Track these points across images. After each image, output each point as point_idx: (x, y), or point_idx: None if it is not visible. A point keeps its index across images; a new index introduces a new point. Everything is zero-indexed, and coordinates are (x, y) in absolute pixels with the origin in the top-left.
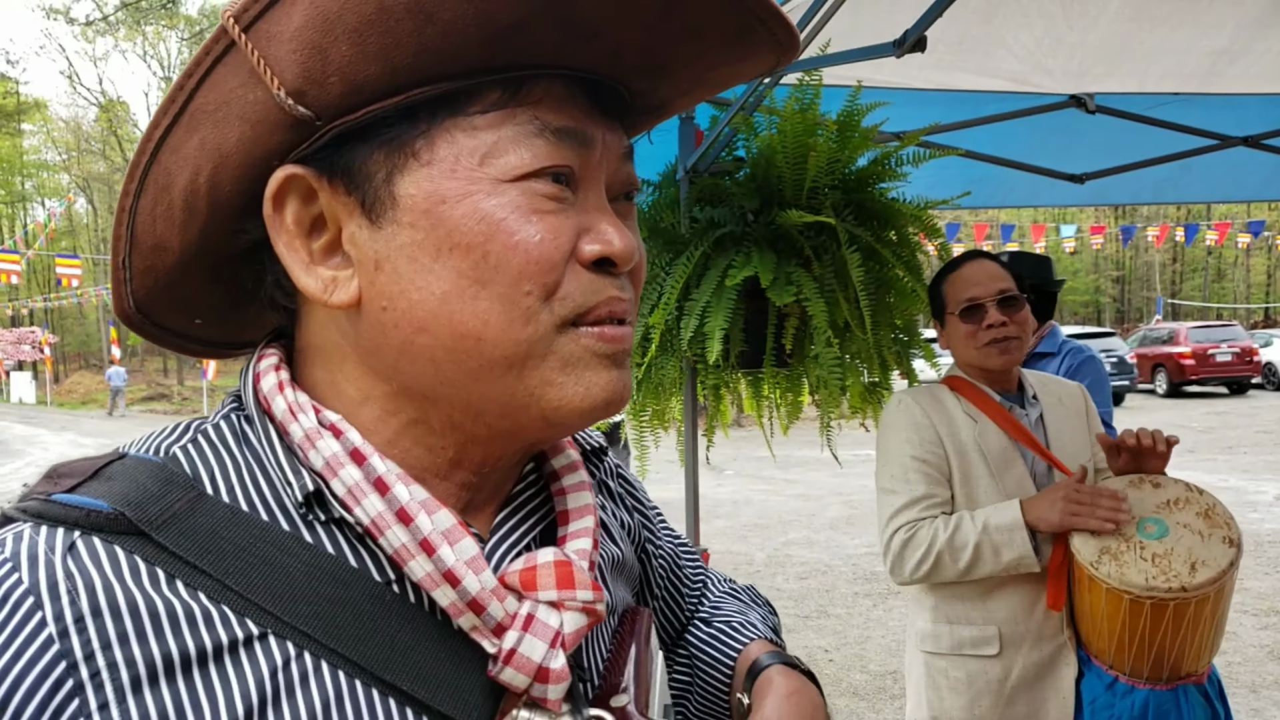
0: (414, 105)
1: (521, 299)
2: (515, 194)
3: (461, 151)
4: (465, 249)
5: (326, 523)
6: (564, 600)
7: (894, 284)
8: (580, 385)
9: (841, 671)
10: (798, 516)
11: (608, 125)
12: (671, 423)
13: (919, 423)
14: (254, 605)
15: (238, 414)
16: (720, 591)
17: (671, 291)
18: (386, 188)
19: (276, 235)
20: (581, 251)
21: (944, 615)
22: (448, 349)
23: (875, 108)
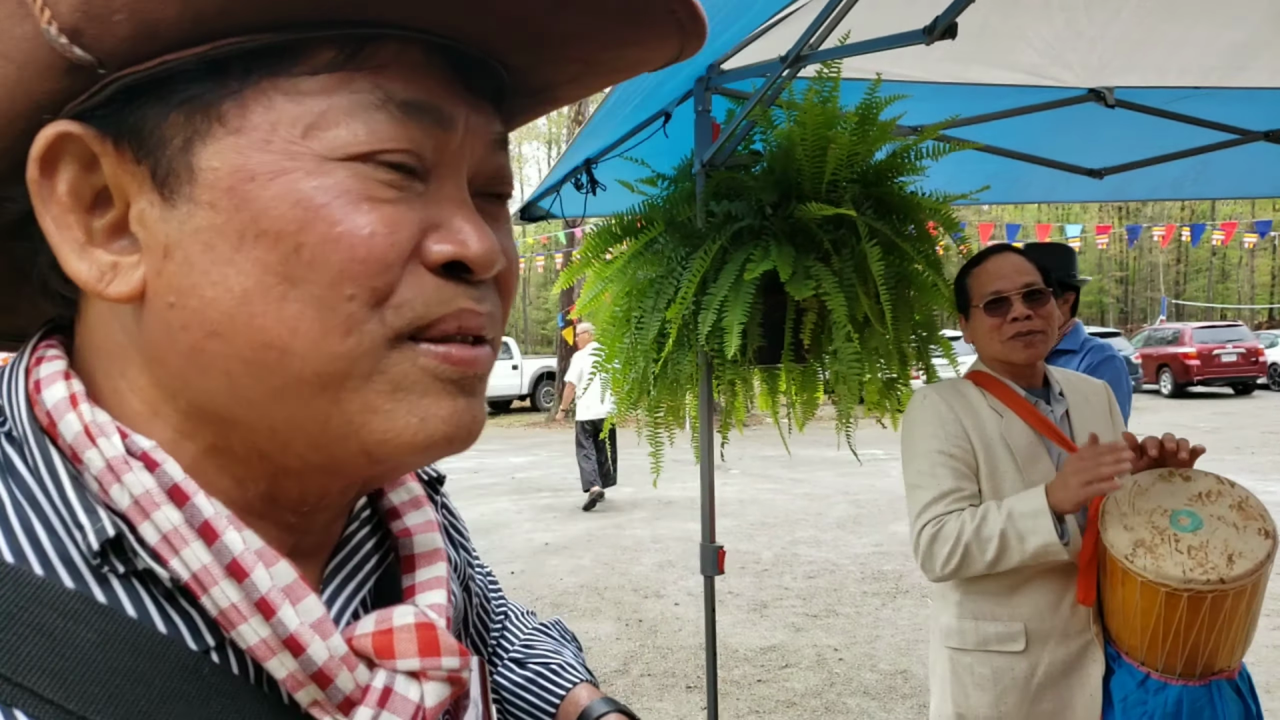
0: (224, 59)
1: (342, 304)
2: (344, 176)
3: (281, 119)
4: (274, 238)
5: (125, 576)
6: (427, 669)
7: (914, 279)
8: (414, 415)
9: (852, 671)
10: (805, 515)
11: (474, 105)
12: (687, 419)
13: (944, 417)
14: (25, 690)
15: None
16: (529, 628)
17: (689, 286)
18: (184, 157)
19: (44, 207)
20: (428, 252)
21: (969, 611)
22: (245, 360)
23: (894, 100)
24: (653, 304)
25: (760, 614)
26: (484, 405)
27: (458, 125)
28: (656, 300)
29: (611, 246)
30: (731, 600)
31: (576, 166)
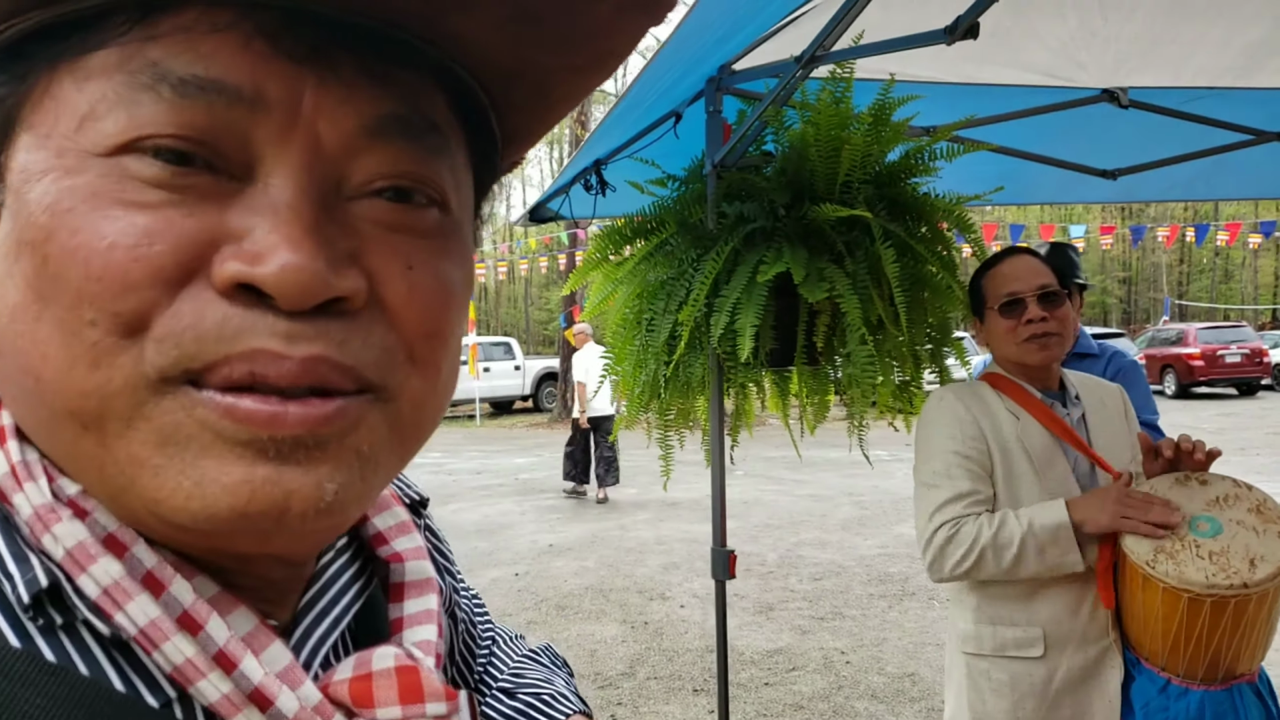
0: (16, 43)
1: (84, 329)
2: (99, 174)
3: (63, 111)
4: (30, 248)
5: (67, 626)
6: (409, 717)
7: (928, 280)
8: (185, 477)
9: (859, 674)
10: (809, 517)
11: (320, 77)
12: (697, 422)
13: (961, 418)
14: None
15: None
16: (518, 655)
17: (701, 288)
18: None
19: None
20: (217, 269)
21: (986, 616)
22: (16, 384)
23: (907, 101)
24: (664, 306)
25: (766, 616)
26: (335, 476)
27: (272, 105)
28: (668, 302)
29: (621, 248)
30: (737, 603)
31: (586, 168)
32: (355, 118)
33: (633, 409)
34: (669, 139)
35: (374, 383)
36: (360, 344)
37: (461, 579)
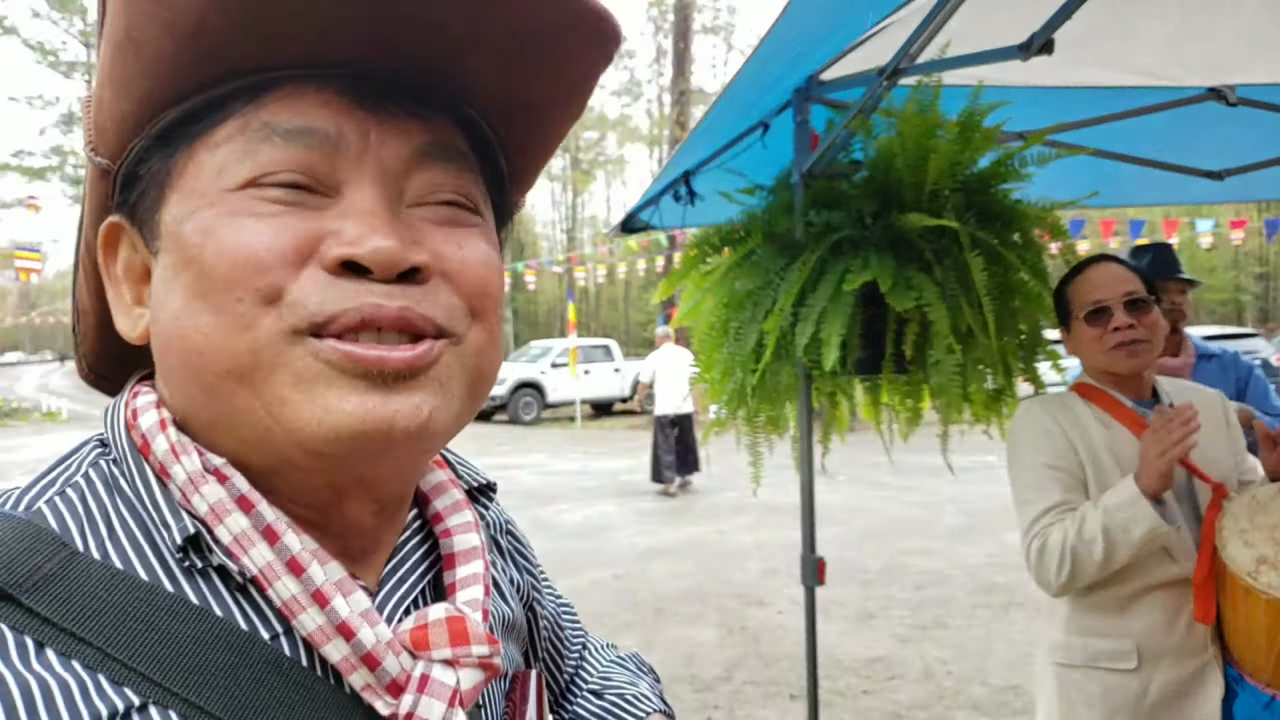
0: (166, 133)
1: (233, 305)
2: (234, 201)
3: (203, 170)
4: (188, 264)
5: (205, 570)
6: (459, 657)
7: (1019, 288)
8: (316, 406)
9: (961, 684)
10: (914, 524)
11: (381, 121)
12: (786, 428)
13: (1049, 430)
14: (135, 673)
15: (105, 460)
16: (606, 660)
17: (787, 297)
18: (155, 218)
19: (107, 281)
20: (325, 254)
21: (1077, 627)
22: (184, 365)
23: (997, 107)
24: (750, 315)
25: (866, 624)
26: (430, 399)
27: (349, 141)
28: (754, 311)
29: (710, 257)
30: (836, 610)
31: (675, 179)
32: (406, 147)
33: (720, 418)
34: (756, 149)
35: (446, 329)
36: (433, 302)
37: (546, 580)
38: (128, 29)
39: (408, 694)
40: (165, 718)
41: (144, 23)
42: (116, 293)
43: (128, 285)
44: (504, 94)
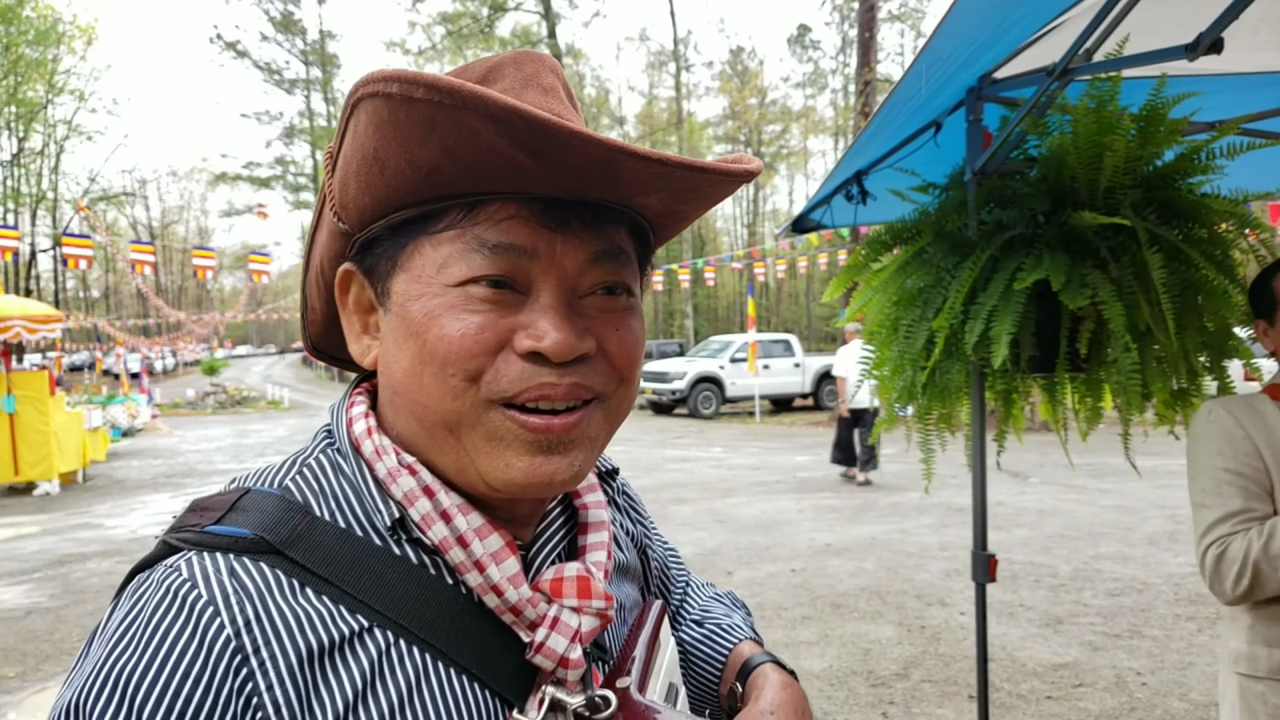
0: (399, 225)
1: (448, 379)
2: (454, 296)
3: (427, 262)
4: (414, 335)
5: (408, 540)
6: (582, 607)
7: (1202, 285)
8: (499, 460)
9: (1156, 697)
10: (1111, 529)
11: (568, 235)
12: (960, 427)
13: (1232, 434)
14: (364, 605)
15: (331, 449)
16: (705, 596)
17: (957, 295)
18: (387, 284)
19: (341, 311)
20: (517, 344)
21: (1262, 636)
22: (410, 409)
23: (1183, 99)
24: (920, 313)
25: (1054, 629)
26: (575, 459)
27: (540, 254)
28: (924, 310)
29: (881, 255)
30: (1023, 613)
31: (847, 179)
32: (583, 255)
33: (890, 413)
34: (929, 148)
35: (600, 393)
36: (593, 375)
37: (656, 531)
38: (377, 152)
39: (542, 629)
40: (385, 637)
41: (392, 153)
42: (348, 321)
43: (356, 316)
44: (664, 209)
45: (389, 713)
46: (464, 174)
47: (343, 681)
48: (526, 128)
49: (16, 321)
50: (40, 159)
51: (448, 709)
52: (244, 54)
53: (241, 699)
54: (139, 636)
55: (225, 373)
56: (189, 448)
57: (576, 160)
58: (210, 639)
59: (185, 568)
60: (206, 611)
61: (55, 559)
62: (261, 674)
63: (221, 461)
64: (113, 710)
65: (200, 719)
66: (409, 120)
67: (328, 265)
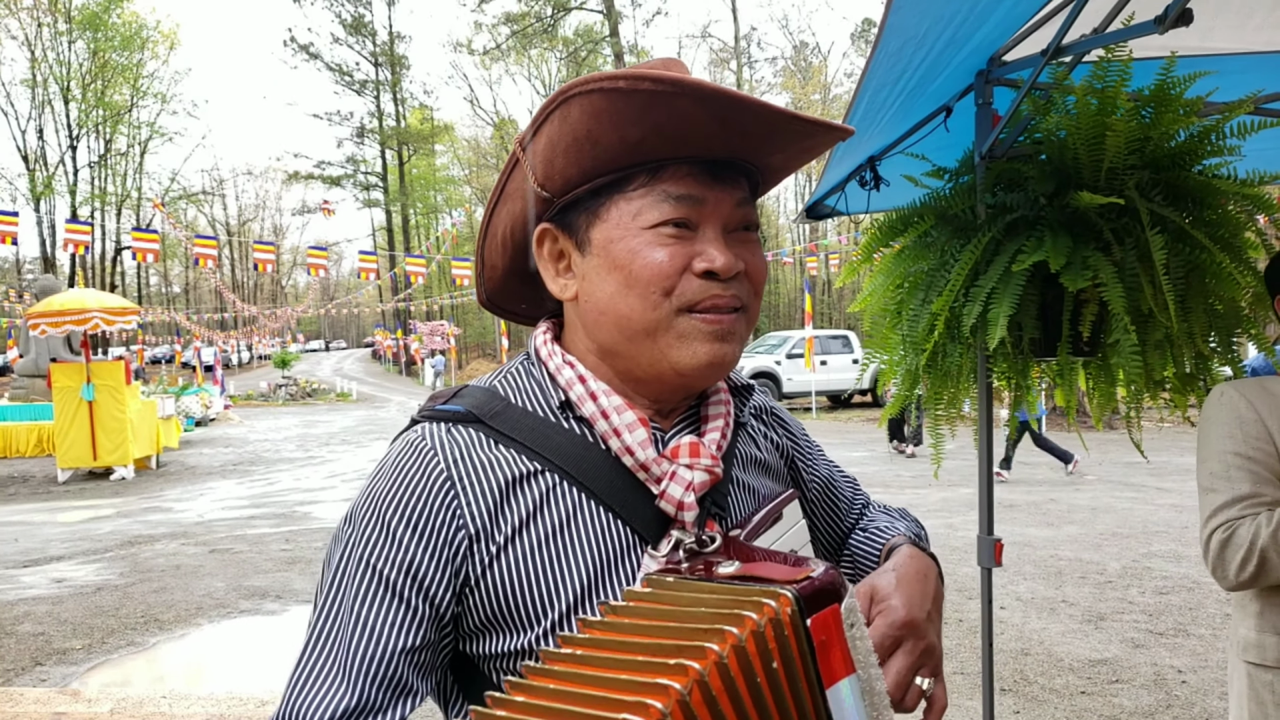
0: (598, 188)
1: (650, 295)
2: (649, 235)
3: (623, 214)
4: (620, 268)
5: (573, 418)
6: (693, 464)
7: (1210, 268)
8: (689, 351)
9: (1196, 695)
10: (1166, 528)
11: (721, 187)
12: (963, 412)
13: (1243, 416)
14: (539, 454)
15: (525, 361)
16: (879, 511)
17: (957, 278)
18: (586, 234)
19: (539, 261)
20: (694, 266)
21: (1271, 624)
22: (615, 323)
23: (1195, 79)
24: (923, 297)
25: (1095, 626)
26: (739, 346)
27: (708, 201)
28: (927, 293)
29: (891, 241)
30: (1064, 609)
31: (860, 164)
32: (731, 201)
33: (898, 399)
34: (940, 133)
35: (745, 304)
36: (742, 289)
37: (820, 451)
38: (590, 133)
39: (664, 481)
40: (551, 478)
41: (604, 133)
42: (545, 267)
43: (551, 263)
44: (778, 166)
45: (552, 531)
46: (662, 144)
47: (520, 504)
48: (726, 103)
49: (95, 313)
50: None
51: (595, 533)
52: (316, 56)
53: (450, 510)
54: (390, 469)
55: (297, 366)
56: (258, 437)
57: (750, 125)
58: (431, 471)
59: (421, 430)
60: (430, 454)
61: (126, 540)
62: (464, 494)
63: (288, 450)
64: (367, 511)
65: (422, 522)
66: (627, 107)
67: (518, 228)
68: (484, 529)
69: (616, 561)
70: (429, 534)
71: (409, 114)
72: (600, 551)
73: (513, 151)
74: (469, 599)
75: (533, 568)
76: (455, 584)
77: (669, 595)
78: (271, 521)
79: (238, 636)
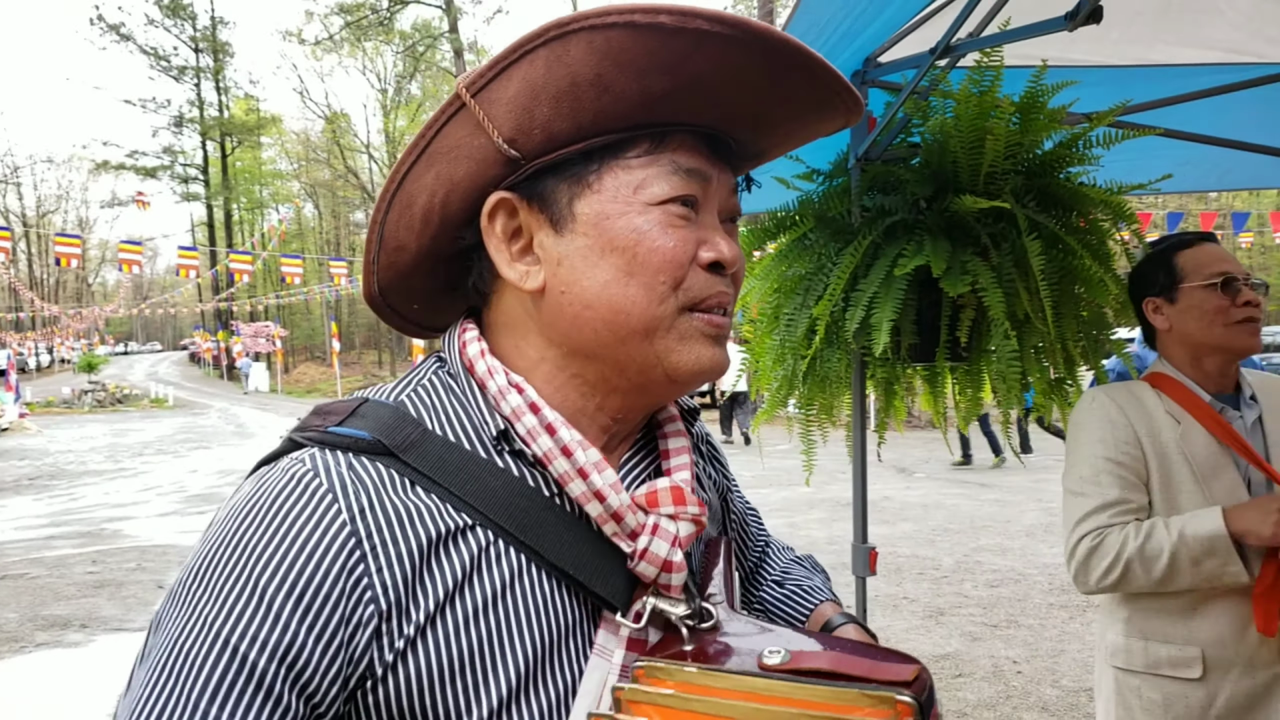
0: (591, 150)
1: (658, 287)
2: (658, 214)
3: (621, 184)
4: (621, 250)
5: (510, 452)
6: (679, 513)
7: (1080, 273)
8: (690, 354)
9: (1030, 685)
10: (991, 522)
11: (721, 167)
12: (839, 418)
13: (1114, 421)
14: (467, 505)
15: (442, 371)
16: (786, 558)
17: (838, 282)
18: (569, 208)
19: (489, 240)
20: (700, 257)
21: (1138, 630)
22: (605, 320)
23: (1062, 88)
24: (801, 301)
25: (935, 621)
26: (727, 351)
27: (713, 180)
28: (805, 297)
29: (764, 244)
30: (906, 606)
31: None
32: (728, 185)
33: (772, 403)
34: None
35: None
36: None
37: (736, 486)
38: (597, 77)
39: (644, 536)
40: (485, 536)
41: (620, 79)
42: (497, 248)
43: (504, 243)
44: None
45: (484, 605)
46: (687, 101)
47: (445, 572)
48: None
49: None
50: None
51: (537, 607)
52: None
53: (351, 579)
54: (266, 511)
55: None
56: (59, 448)
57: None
58: (328, 522)
59: (309, 460)
60: (326, 498)
61: None
62: (373, 557)
63: (95, 462)
64: (231, 569)
65: (311, 592)
66: (663, 49)
67: (455, 199)
68: (398, 605)
69: (565, 640)
70: (322, 610)
71: (233, 103)
72: (545, 630)
73: (450, 99)
74: (369, 697)
75: (459, 655)
76: (349, 679)
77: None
78: (75, 541)
79: (34, 674)
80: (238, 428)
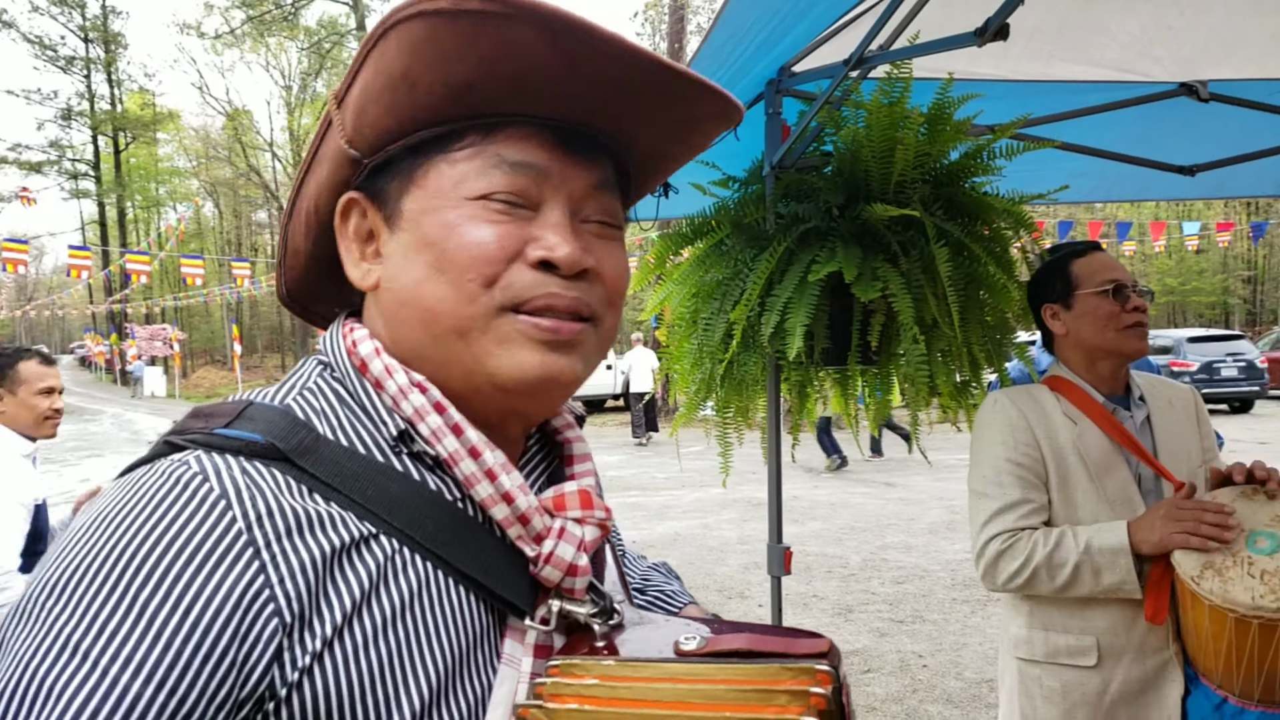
0: (417, 145)
1: (465, 284)
2: (472, 208)
3: (444, 179)
4: (431, 246)
5: (410, 455)
6: (585, 518)
7: (985, 280)
8: (510, 359)
9: (935, 678)
10: (896, 520)
11: (573, 160)
12: (755, 420)
13: (1015, 424)
14: (369, 512)
15: (328, 374)
16: (643, 566)
17: (753, 287)
18: (398, 204)
19: (340, 240)
20: (528, 254)
21: (1039, 621)
22: (419, 319)
23: (967, 100)
24: (719, 306)
25: (844, 618)
26: (578, 362)
27: (552, 174)
28: (723, 302)
29: (682, 249)
30: (816, 604)
31: None
32: (586, 180)
33: (690, 406)
34: (730, 141)
35: (595, 315)
36: (592, 294)
37: None
38: (406, 71)
39: (549, 540)
40: (390, 544)
41: (424, 72)
42: (346, 248)
43: (355, 244)
44: (653, 150)
45: (391, 616)
46: (497, 90)
47: (350, 583)
48: (574, 34)
49: None
50: None
51: (446, 616)
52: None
53: (250, 591)
54: (142, 519)
55: None
56: None
57: (605, 72)
58: (222, 530)
59: (195, 463)
60: (219, 504)
61: None
62: (273, 567)
63: None
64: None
65: (200, 607)
66: (451, 36)
67: (325, 202)
68: (302, 618)
69: (474, 650)
70: (212, 626)
71: (126, 97)
72: (456, 640)
73: (327, 109)
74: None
75: (368, 671)
76: (243, 702)
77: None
78: None
79: None
80: (132, 434)
